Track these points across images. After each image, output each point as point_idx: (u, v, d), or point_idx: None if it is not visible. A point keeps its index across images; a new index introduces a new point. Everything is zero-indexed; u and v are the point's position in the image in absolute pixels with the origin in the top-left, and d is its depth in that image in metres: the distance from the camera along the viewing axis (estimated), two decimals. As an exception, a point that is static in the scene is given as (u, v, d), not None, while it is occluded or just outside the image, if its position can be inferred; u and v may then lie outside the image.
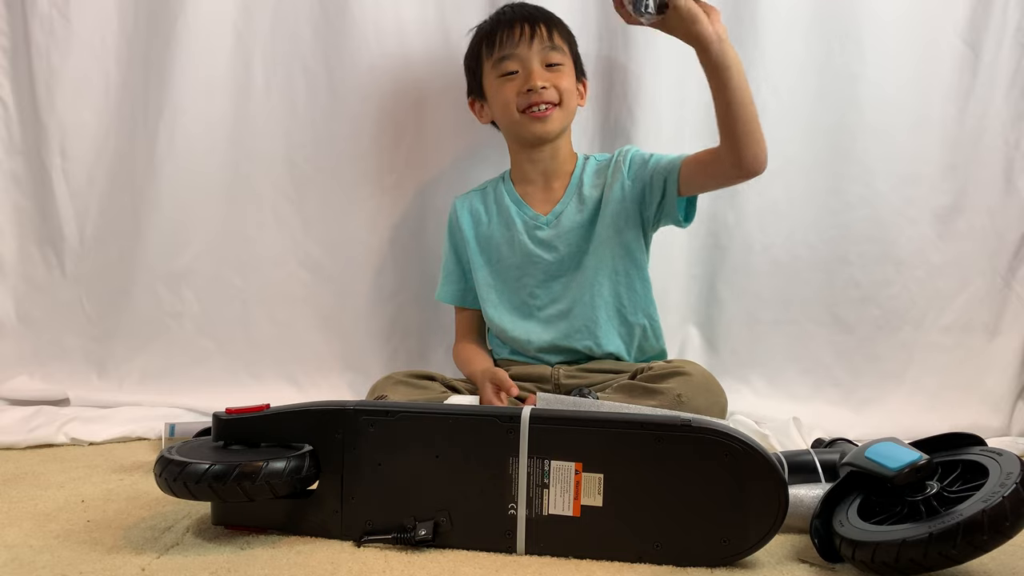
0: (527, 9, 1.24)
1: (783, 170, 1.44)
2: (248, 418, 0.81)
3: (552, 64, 1.20)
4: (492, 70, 1.21)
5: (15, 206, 1.45)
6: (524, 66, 1.19)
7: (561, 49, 1.21)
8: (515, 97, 1.19)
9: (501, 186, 1.31)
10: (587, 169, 1.27)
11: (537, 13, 1.22)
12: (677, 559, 0.74)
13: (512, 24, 1.20)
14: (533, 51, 1.19)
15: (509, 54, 1.19)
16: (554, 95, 1.19)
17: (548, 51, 1.19)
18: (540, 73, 1.18)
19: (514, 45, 1.19)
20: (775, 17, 1.41)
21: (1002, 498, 0.66)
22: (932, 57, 1.42)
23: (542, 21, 1.20)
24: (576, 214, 1.25)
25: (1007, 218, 1.43)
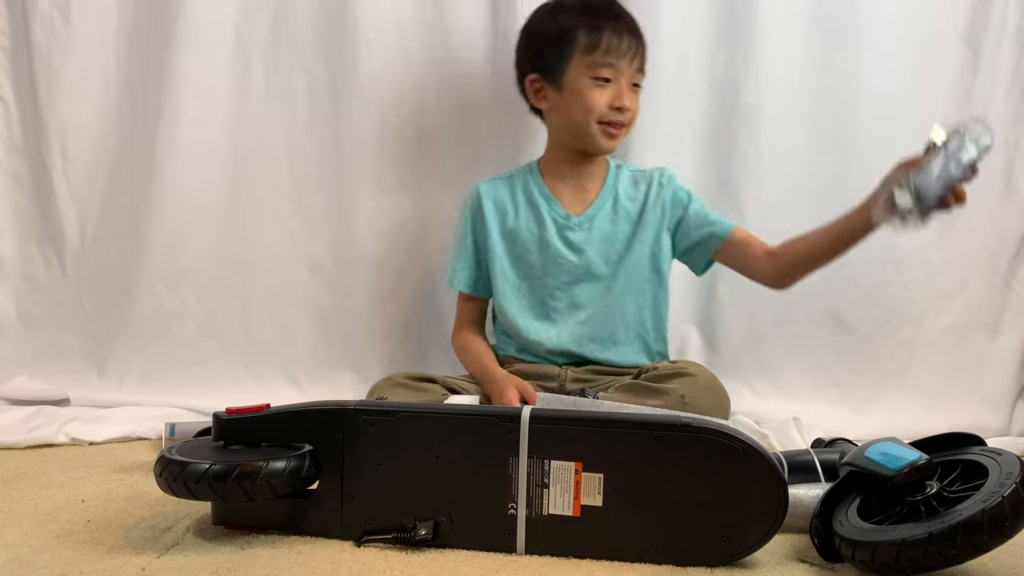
0: (632, 21, 1.19)
1: (783, 170, 1.44)
2: (248, 418, 0.81)
3: (636, 85, 1.19)
4: (584, 67, 1.16)
5: (16, 206, 1.45)
6: (618, 80, 1.16)
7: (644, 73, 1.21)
8: (602, 108, 1.16)
9: (530, 178, 1.27)
10: (621, 177, 1.26)
11: (635, 25, 1.19)
12: (677, 559, 0.74)
13: (622, 33, 1.16)
14: (631, 68, 1.16)
15: (612, 63, 1.15)
16: (629, 118, 1.19)
17: (638, 73, 1.18)
18: (629, 94, 1.17)
19: (620, 55, 1.15)
20: (775, 16, 1.41)
21: (1002, 498, 0.66)
22: (932, 57, 1.42)
23: (641, 40, 1.18)
24: (610, 222, 1.23)
25: (1007, 218, 1.43)
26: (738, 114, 1.43)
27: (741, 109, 1.43)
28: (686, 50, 1.44)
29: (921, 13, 1.41)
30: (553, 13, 1.20)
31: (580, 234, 1.22)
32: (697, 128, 1.45)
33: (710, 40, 1.43)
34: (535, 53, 1.21)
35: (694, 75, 1.44)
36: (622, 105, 1.16)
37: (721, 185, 1.45)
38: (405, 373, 1.18)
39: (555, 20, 1.19)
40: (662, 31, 1.42)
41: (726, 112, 1.44)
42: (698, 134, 1.45)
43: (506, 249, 1.25)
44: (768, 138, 1.43)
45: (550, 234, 1.23)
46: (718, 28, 1.43)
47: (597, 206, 1.23)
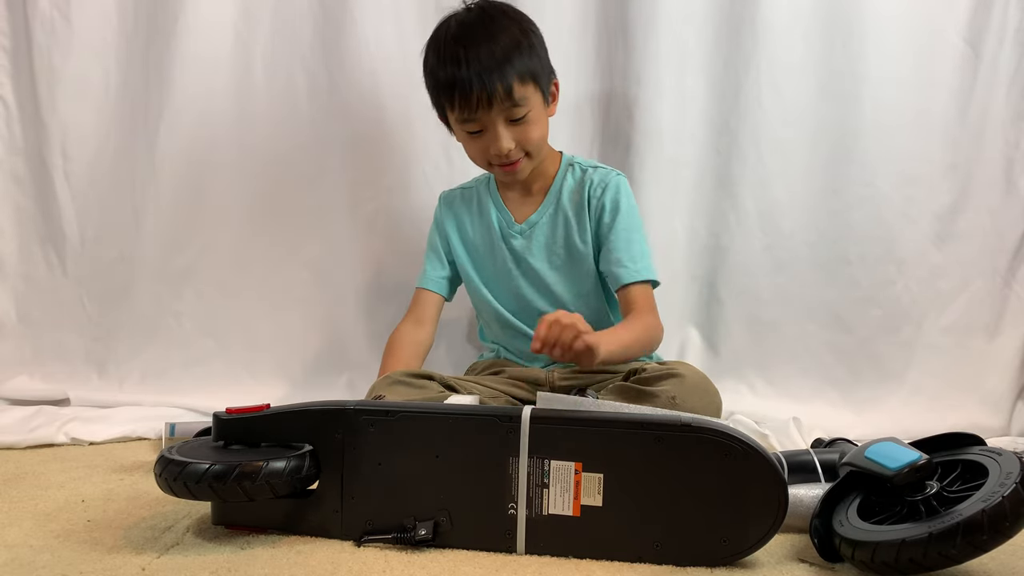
0: (480, 52, 1.07)
1: (784, 170, 1.44)
2: (248, 418, 0.81)
3: (516, 120, 1.11)
4: (456, 123, 1.13)
5: (16, 206, 1.45)
6: (487, 127, 1.11)
7: (523, 98, 1.09)
8: (484, 154, 1.14)
9: (484, 188, 1.26)
10: (568, 180, 1.22)
11: (492, 59, 1.07)
12: (677, 559, 0.74)
13: (468, 83, 1.07)
14: (494, 113, 1.09)
15: (471, 118, 1.10)
16: (519, 152, 1.13)
17: (510, 108, 1.09)
18: (505, 136, 1.10)
19: (473, 111, 1.08)
20: (776, 17, 1.41)
21: (1002, 498, 0.66)
22: (933, 56, 1.42)
23: (497, 76, 1.07)
24: (550, 227, 1.21)
25: (1007, 218, 1.43)
26: (738, 113, 1.43)
27: (741, 108, 1.43)
28: (686, 49, 1.44)
29: (922, 12, 1.41)
30: (425, 61, 1.15)
31: (522, 241, 1.21)
32: (697, 127, 1.45)
33: (710, 39, 1.43)
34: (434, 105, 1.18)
35: (694, 74, 1.44)
36: (497, 152, 1.11)
37: (722, 185, 1.46)
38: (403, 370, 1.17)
39: (425, 73, 1.15)
40: (661, 29, 1.42)
41: (726, 111, 1.44)
42: (698, 134, 1.45)
43: (470, 259, 1.25)
44: (769, 138, 1.43)
45: (497, 241, 1.22)
46: (718, 27, 1.43)
47: (540, 212, 1.22)
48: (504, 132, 1.10)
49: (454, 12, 1.15)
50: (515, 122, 1.11)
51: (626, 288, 1.16)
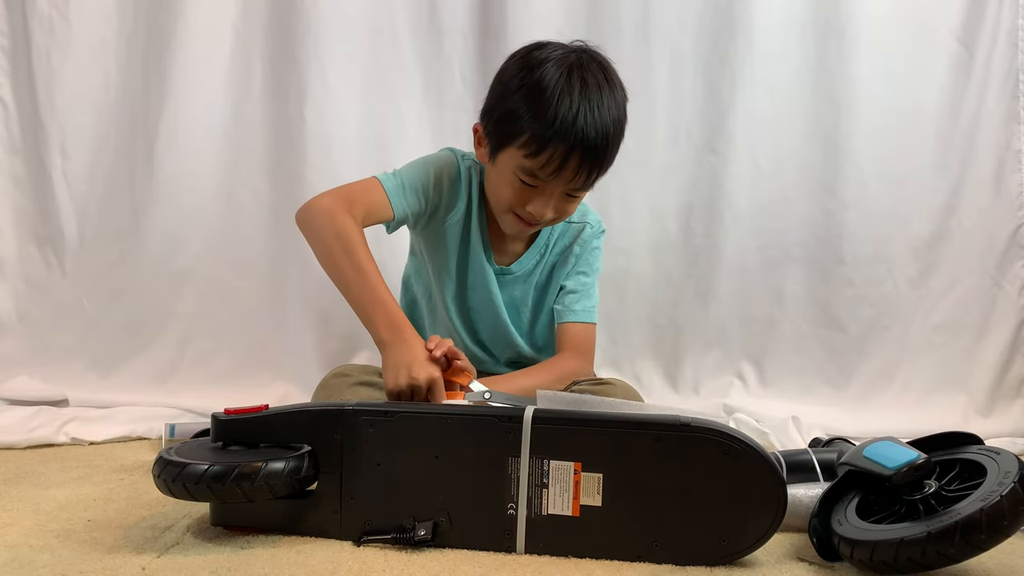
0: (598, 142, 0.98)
1: (778, 170, 1.45)
2: (247, 419, 0.80)
3: (572, 195, 1.05)
4: (518, 165, 1.01)
5: (15, 206, 1.45)
6: (544, 192, 1.02)
7: (592, 185, 1.05)
8: (517, 203, 1.04)
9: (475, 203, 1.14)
10: (555, 233, 1.19)
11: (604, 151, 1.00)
12: (676, 558, 0.74)
13: (568, 157, 0.97)
14: (563, 184, 1.01)
15: (542, 177, 1.00)
16: (549, 221, 1.07)
17: (578, 189, 1.03)
18: (559, 202, 1.03)
19: (553, 175, 0.99)
20: (770, 18, 1.42)
21: (1000, 497, 0.66)
22: (926, 57, 1.43)
23: (599, 162, 1.00)
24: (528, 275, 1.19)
25: (997, 218, 1.45)
26: (733, 113, 1.44)
27: (736, 109, 1.43)
28: (680, 50, 1.44)
29: (915, 13, 1.42)
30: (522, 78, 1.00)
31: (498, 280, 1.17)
32: (693, 129, 1.45)
33: (706, 42, 1.43)
34: (488, 108, 1.06)
35: (690, 77, 1.44)
36: (537, 214, 1.03)
37: (717, 186, 1.46)
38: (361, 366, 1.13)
39: (516, 93, 1.00)
40: (654, 31, 1.42)
41: (722, 113, 1.44)
42: (694, 135, 1.45)
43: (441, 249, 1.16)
44: (763, 138, 1.44)
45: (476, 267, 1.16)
46: (713, 30, 1.43)
47: (521, 263, 1.18)
48: (554, 202, 1.03)
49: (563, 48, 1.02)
50: (568, 196, 1.04)
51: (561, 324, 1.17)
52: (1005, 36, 1.43)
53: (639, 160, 1.46)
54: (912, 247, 1.46)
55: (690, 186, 1.47)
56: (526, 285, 1.19)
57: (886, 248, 1.45)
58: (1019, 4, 1.43)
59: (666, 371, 1.51)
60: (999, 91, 1.44)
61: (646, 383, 1.48)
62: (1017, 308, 1.46)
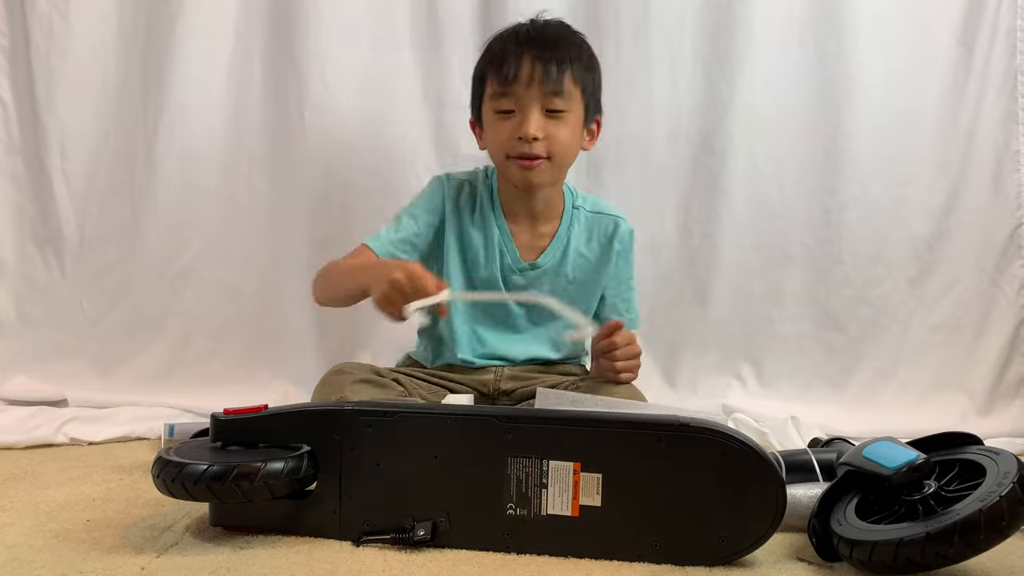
0: (546, 39, 1.08)
1: (777, 170, 1.45)
2: (246, 419, 0.80)
3: (554, 111, 1.06)
4: (490, 101, 1.09)
5: (15, 206, 1.45)
6: (521, 108, 1.06)
7: (568, 94, 1.07)
8: (507, 140, 1.07)
9: (488, 201, 1.17)
10: (577, 222, 1.18)
11: (555, 45, 1.07)
12: (676, 558, 0.74)
13: (521, 57, 1.05)
14: (534, 93, 1.05)
15: (509, 91, 1.06)
16: (543, 148, 1.07)
17: (552, 96, 1.05)
18: (536, 121, 1.05)
19: (517, 83, 1.05)
20: (770, 18, 1.42)
21: (999, 498, 0.66)
22: (926, 57, 1.44)
23: (556, 57, 1.05)
24: (555, 273, 1.17)
25: (995, 217, 1.45)
26: (732, 113, 1.44)
27: (736, 108, 1.44)
28: (680, 50, 1.44)
29: (915, 12, 1.42)
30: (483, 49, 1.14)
31: (522, 280, 1.16)
32: (692, 128, 1.45)
33: (705, 41, 1.44)
34: (471, 96, 1.16)
35: (689, 76, 1.45)
36: (523, 135, 1.05)
37: (715, 186, 1.46)
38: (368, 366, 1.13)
39: (479, 60, 1.14)
40: (653, 30, 1.43)
41: (721, 112, 1.44)
42: (692, 134, 1.46)
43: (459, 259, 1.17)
44: (762, 137, 1.44)
45: (497, 271, 1.16)
46: (713, 29, 1.43)
47: (548, 255, 1.16)
48: (537, 116, 1.06)
49: None
50: (551, 114, 1.06)
51: None
52: (1004, 36, 1.43)
53: (637, 159, 1.46)
54: (911, 247, 1.46)
55: (688, 185, 1.47)
56: (557, 279, 1.17)
57: (885, 248, 1.46)
58: (1018, 4, 1.43)
59: (665, 371, 1.51)
60: (998, 91, 1.44)
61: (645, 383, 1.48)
62: (1016, 308, 1.46)
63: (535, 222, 1.17)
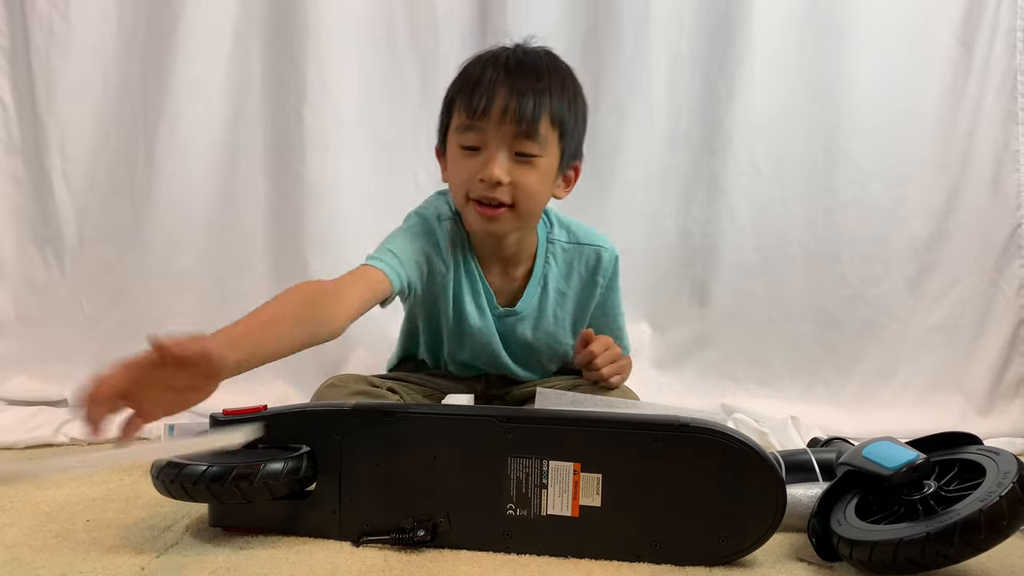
0: (525, 69, 0.95)
1: (777, 170, 1.45)
2: (245, 419, 0.80)
3: (524, 154, 0.94)
4: (455, 133, 0.97)
5: (15, 206, 1.45)
6: (487, 147, 0.94)
7: (543, 138, 0.94)
8: (468, 179, 0.95)
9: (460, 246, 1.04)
10: (553, 258, 1.08)
11: (535, 78, 0.94)
12: (676, 558, 0.74)
13: (495, 89, 0.93)
14: (504, 132, 0.93)
15: (476, 126, 0.94)
16: (507, 195, 0.94)
17: (523, 138, 0.93)
18: (502, 164, 0.93)
19: (486, 118, 0.93)
20: (769, 17, 1.42)
21: (999, 497, 0.66)
22: (926, 57, 1.44)
23: (535, 93, 0.93)
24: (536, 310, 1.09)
25: (994, 218, 1.45)
26: (732, 114, 1.44)
27: (735, 109, 1.44)
28: (679, 50, 1.44)
29: (915, 13, 1.42)
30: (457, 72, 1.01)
31: (501, 325, 1.09)
32: (691, 129, 1.45)
33: (704, 42, 1.44)
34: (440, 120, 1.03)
35: (688, 77, 1.45)
36: (485, 176, 0.93)
37: (715, 186, 1.46)
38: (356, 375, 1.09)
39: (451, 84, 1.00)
40: (653, 32, 1.43)
41: (720, 112, 1.44)
42: (692, 135, 1.46)
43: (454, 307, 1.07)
44: (762, 138, 1.44)
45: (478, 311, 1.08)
46: (712, 30, 1.43)
47: (525, 301, 1.07)
48: (503, 159, 0.93)
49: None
50: (521, 157, 0.94)
51: None
52: (1004, 36, 1.43)
53: (638, 160, 1.46)
54: (910, 247, 1.46)
55: (688, 186, 1.47)
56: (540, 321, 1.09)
57: (884, 248, 1.46)
58: (1018, 4, 1.43)
59: (664, 371, 1.51)
60: (998, 91, 1.44)
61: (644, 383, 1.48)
62: (1015, 308, 1.46)
63: (507, 266, 1.07)
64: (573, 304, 1.10)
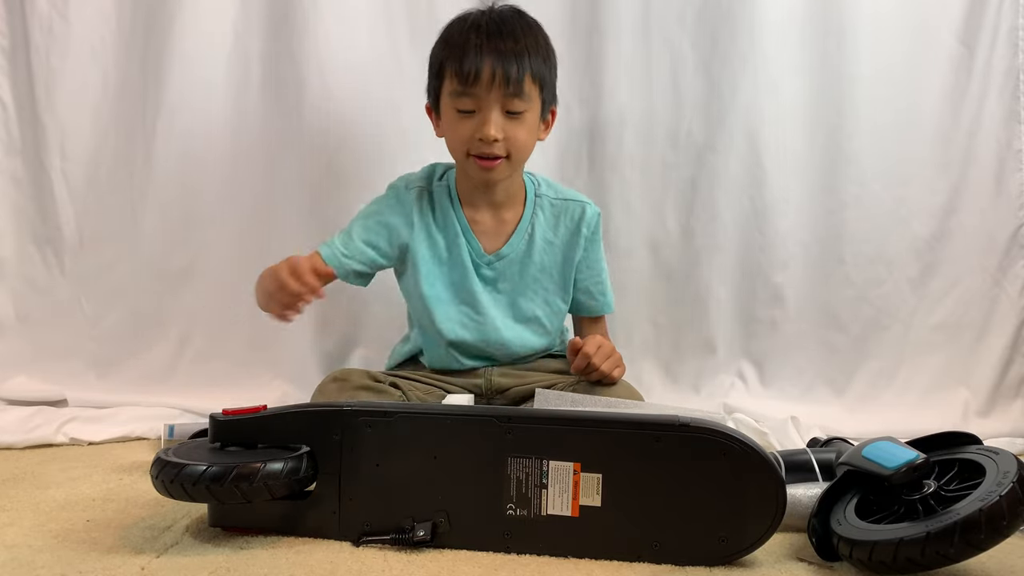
0: (504, 35, 1.08)
1: (779, 170, 1.45)
2: (245, 419, 0.80)
3: (513, 112, 1.08)
4: (449, 97, 1.09)
5: (14, 206, 1.45)
6: (481, 109, 1.08)
7: (527, 95, 1.08)
8: (467, 139, 1.09)
9: (447, 199, 1.18)
10: (540, 210, 1.19)
11: (514, 42, 1.07)
12: (676, 558, 0.74)
13: (482, 60, 1.05)
14: (494, 96, 1.06)
15: (469, 92, 1.07)
16: (502, 148, 1.09)
17: (512, 98, 1.07)
18: (496, 122, 1.07)
19: (477, 84, 1.06)
20: (771, 17, 1.41)
21: (999, 497, 0.66)
22: (928, 56, 1.43)
23: (515, 60, 1.06)
24: (521, 262, 1.18)
25: (997, 218, 1.45)
26: (734, 113, 1.44)
27: (736, 108, 1.43)
28: (680, 50, 1.44)
29: (917, 12, 1.42)
30: (441, 36, 1.14)
31: (491, 272, 1.18)
32: (693, 128, 1.45)
33: (705, 41, 1.43)
34: (428, 83, 1.16)
35: (690, 76, 1.44)
36: (483, 136, 1.07)
37: (717, 185, 1.46)
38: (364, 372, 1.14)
39: (437, 46, 1.13)
40: (654, 30, 1.42)
41: (722, 111, 1.44)
42: (694, 134, 1.45)
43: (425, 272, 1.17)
44: (764, 137, 1.44)
45: (468, 269, 1.17)
46: (713, 29, 1.43)
47: (512, 244, 1.18)
48: (497, 118, 1.07)
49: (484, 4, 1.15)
50: (510, 115, 1.08)
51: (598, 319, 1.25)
52: (1005, 35, 1.42)
53: (639, 159, 1.46)
54: (913, 247, 1.46)
55: (689, 185, 1.47)
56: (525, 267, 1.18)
57: (886, 248, 1.45)
58: (1019, 4, 1.42)
59: (666, 371, 1.51)
60: (1000, 90, 1.43)
61: (646, 383, 1.48)
62: (1017, 308, 1.46)
63: (497, 210, 1.18)
64: (561, 253, 1.20)
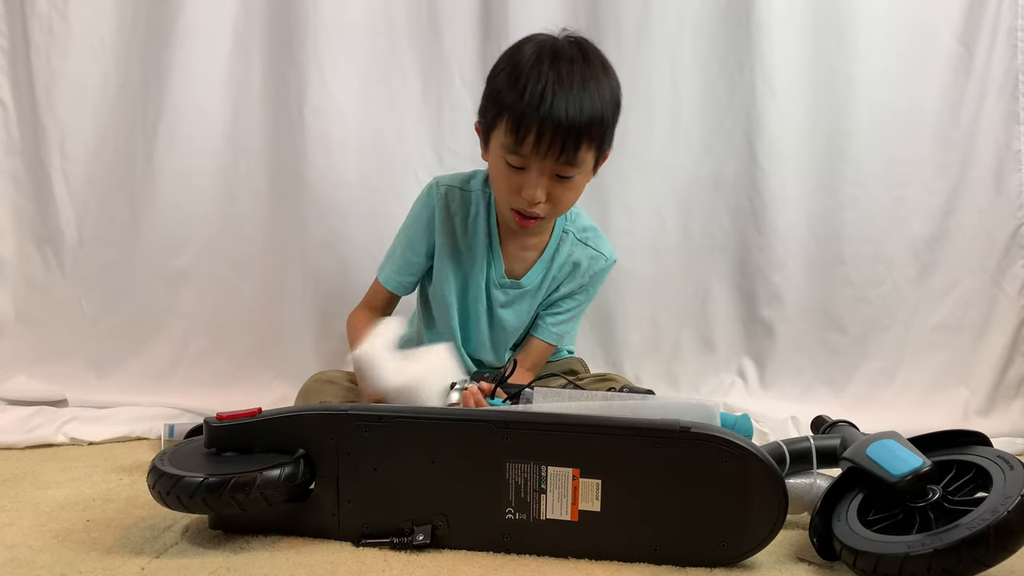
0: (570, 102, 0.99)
1: (778, 170, 1.45)
2: (240, 424, 0.79)
3: (562, 177, 1.04)
4: (502, 145, 1.03)
5: (14, 206, 1.45)
6: (529, 169, 1.02)
7: (581, 161, 1.02)
8: (511, 193, 1.05)
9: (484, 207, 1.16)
10: (563, 246, 1.19)
11: (577, 117, 0.99)
12: (676, 563, 0.74)
13: (543, 127, 0.98)
14: (547, 163, 1.01)
15: (520, 152, 1.01)
16: (545, 210, 1.05)
17: (564, 167, 1.02)
18: (543, 188, 1.03)
19: (532, 152, 1.00)
20: (771, 17, 1.41)
21: (1007, 512, 0.65)
22: (927, 57, 1.43)
23: (575, 134, 0.99)
24: (533, 293, 1.19)
25: (996, 218, 1.45)
26: (733, 113, 1.44)
27: (736, 109, 1.43)
28: (679, 50, 1.44)
29: (915, 12, 1.42)
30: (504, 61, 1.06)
31: (504, 296, 1.19)
32: (692, 128, 1.45)
33: (705, 41, 1.43)
34: (483, 100, 1.09)
35: (689, 76, 1.44)
36: (528, 198, 1.03)
37: (717, 185, 1.46)
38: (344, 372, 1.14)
39: (498, 76, 1.05)
40: (654, 31, 1.42)
41: (721, 112, 1.44)
42: (693, 135, 1.45)
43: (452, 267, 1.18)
44: (763, 138, 1.44)
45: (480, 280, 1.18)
46: (713, 29, 1.43)
47: (531, 276, 1.18)
48: (543, 182, 1.02)
49: (549, 35, 1.06)
50: (559, 179, 1.04)
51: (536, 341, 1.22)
52: (1005, 36, 1.42)
53: (639, 159, 1.46)
54: (912, 247, 1.46)
55: (689, 186, 1.47)
56: (533, 300, 1.20)
57: (886, 248, 1.45)
58: (1019, 4, 1.42)
59: (666, 371, 1.51)
60: (999, 91, 1.43)
61: (646, 383, 1.48)
62: (1017, 308, 1.46)
63: (523, 239, 1.17)
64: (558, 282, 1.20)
